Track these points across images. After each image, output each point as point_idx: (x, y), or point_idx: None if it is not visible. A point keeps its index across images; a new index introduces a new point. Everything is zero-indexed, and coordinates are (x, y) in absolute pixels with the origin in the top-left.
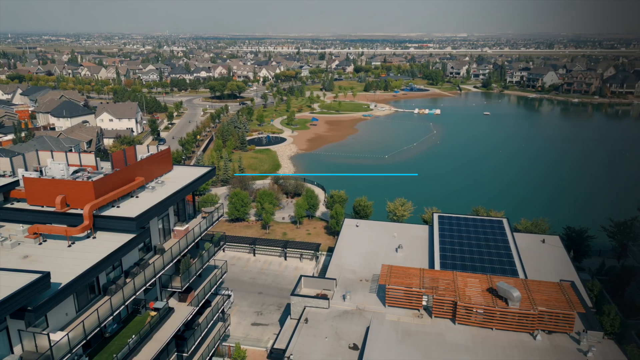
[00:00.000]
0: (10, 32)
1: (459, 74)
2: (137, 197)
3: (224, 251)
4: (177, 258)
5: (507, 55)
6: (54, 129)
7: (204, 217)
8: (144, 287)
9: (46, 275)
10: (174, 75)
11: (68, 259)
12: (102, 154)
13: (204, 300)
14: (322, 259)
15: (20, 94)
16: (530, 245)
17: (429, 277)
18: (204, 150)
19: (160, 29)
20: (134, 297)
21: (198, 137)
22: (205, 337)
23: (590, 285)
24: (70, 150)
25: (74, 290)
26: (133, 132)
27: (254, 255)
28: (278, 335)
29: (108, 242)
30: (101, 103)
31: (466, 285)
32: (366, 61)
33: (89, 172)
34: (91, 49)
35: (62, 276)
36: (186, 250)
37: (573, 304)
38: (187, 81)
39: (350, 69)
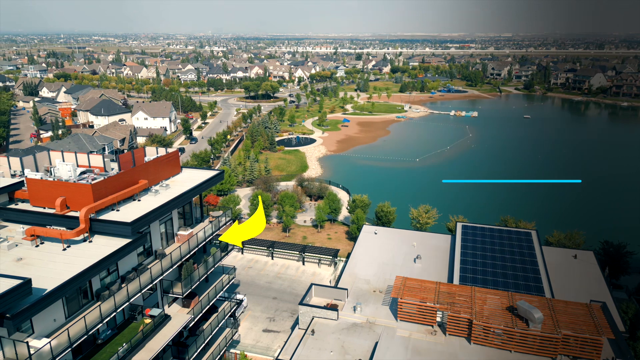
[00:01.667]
0: (63, 33)
1: (499, 75)
2: (139, 200)
3: (242, 253)
4: (178, 263)
5: (553, 55)
6: (92, 126)
7: (211, 222)
8: (139, 294)
9: (27, 282)
10: (211, 75)
11: (60, 263)
12: None
13: (208, 307)
14: (341, 265)
15: (64, 92)
16: (561, 260)
17: (445, 291)
18: (233, 150)
19: (203, 29)
20: (127, 303)
21: (228, 137)
22: (210, 344)
23: (625, 307)
24: (103, 149)
25: (60, 296)
26: (166, 131)
27: (272, 259)
28: (284, 345)
29: (103, 247)
30: (137, 102)
31: (485, 303)
32: (404, 61)
33: (95, 174)
34: (136, 49)
35: (49, 281)
36: (188, 255)
37: (601, 328)
38: (224, 81)
39: (386, 69)
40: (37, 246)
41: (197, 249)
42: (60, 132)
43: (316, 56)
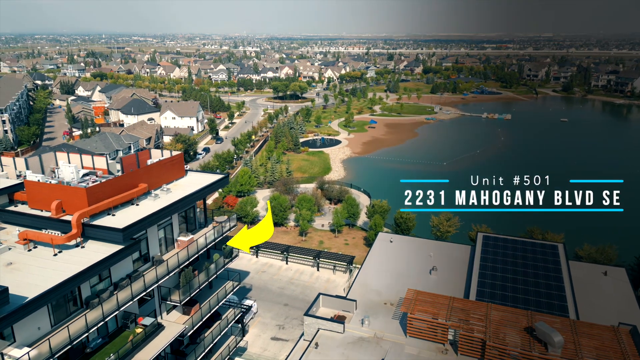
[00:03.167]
0: (105, 33)
1: (536, 76)
2: (137, 204)
3: (257, 257)
4: (176, 270)
5: (595, 56)
6: (122, 125)
7: (214, 227)
8: (131, 302)
9: (3, 291)
10: (242, 75)
11: (48, 270)
12: None
13: (208, 314)
14: (356, 272)
15: (99, 91)
16: (589, 277)
17: (459, 307)
18: (257, 151)
19: (239, 30)
20: (116, 312)
21: (253, 137)
22: (213, 352)
23: None
24: (129, 147)
25: (43, 304)
26: (193, 130)
27: (287, 264)
28: (287, 357)
29: (94, 253)
30: (165, 101)
31: (501, 322)
32: (437, 62)
33: (98, 176)
34: (172, 50)
35: (33, 288)
36: (187, 262)
37: (629, 356)
38: (254, 81)
39: (418, 69)
40: (29, 250)
41: (196, 255)
42: (89, 130)
43: (347, 56)
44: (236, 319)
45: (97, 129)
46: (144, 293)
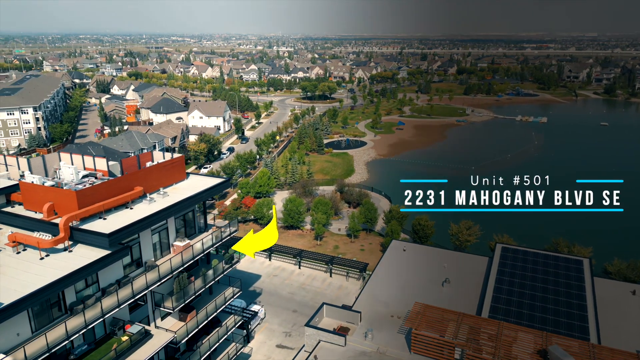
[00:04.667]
0: (145, 33)
1: (577, 78)
2: (131, 208)
3: (270, 260)
4: (169, 276)
5: None
6: (152, 124)
7: (213, 232)
8: (118, 308)
9: None
10: (272, 75)
11: (31, 274)
12: (183, 150)
13: (206, 321)
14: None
15: (133, 90)
16: (616, 296)
17: (469, 324)
18: (281, 151)
19: (274, 30)
20: (101, 318)
21: (277, 137)
22: (212, 359)
23: None
24: (154, 146)
25: (20, 311)
26: (219, 130)
27: (299, 268)
28: None
29: (80, 258)
30: (194, 101)
31: (513, 342)
32: (471, 62)
33: (97, 178)
34: (208, 49)
35: (12, 294)
36: (182, 267)
37: None
38: (284, 81)
39: (452, 70)
40: (18, 253)
41: (192, 260)
42: (117, 128)
43: (380, 56)
44: (237, 325)
45: (125, 127)
46: (133, 299)
